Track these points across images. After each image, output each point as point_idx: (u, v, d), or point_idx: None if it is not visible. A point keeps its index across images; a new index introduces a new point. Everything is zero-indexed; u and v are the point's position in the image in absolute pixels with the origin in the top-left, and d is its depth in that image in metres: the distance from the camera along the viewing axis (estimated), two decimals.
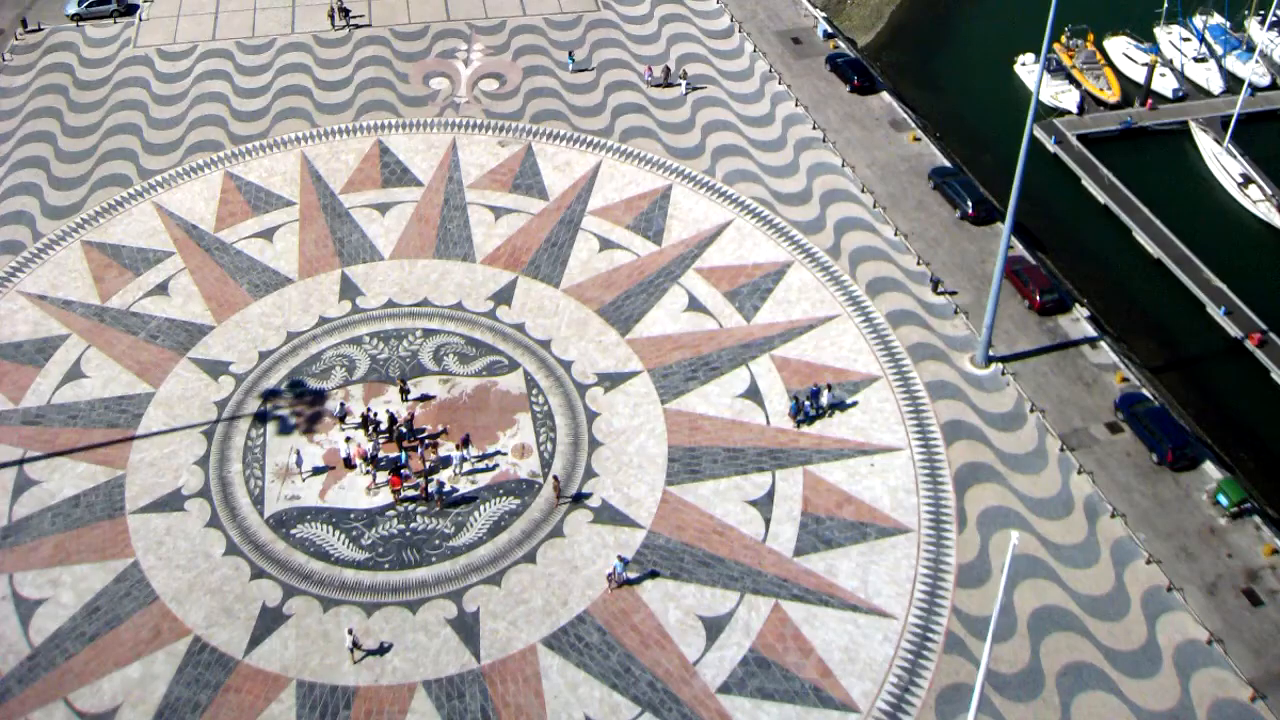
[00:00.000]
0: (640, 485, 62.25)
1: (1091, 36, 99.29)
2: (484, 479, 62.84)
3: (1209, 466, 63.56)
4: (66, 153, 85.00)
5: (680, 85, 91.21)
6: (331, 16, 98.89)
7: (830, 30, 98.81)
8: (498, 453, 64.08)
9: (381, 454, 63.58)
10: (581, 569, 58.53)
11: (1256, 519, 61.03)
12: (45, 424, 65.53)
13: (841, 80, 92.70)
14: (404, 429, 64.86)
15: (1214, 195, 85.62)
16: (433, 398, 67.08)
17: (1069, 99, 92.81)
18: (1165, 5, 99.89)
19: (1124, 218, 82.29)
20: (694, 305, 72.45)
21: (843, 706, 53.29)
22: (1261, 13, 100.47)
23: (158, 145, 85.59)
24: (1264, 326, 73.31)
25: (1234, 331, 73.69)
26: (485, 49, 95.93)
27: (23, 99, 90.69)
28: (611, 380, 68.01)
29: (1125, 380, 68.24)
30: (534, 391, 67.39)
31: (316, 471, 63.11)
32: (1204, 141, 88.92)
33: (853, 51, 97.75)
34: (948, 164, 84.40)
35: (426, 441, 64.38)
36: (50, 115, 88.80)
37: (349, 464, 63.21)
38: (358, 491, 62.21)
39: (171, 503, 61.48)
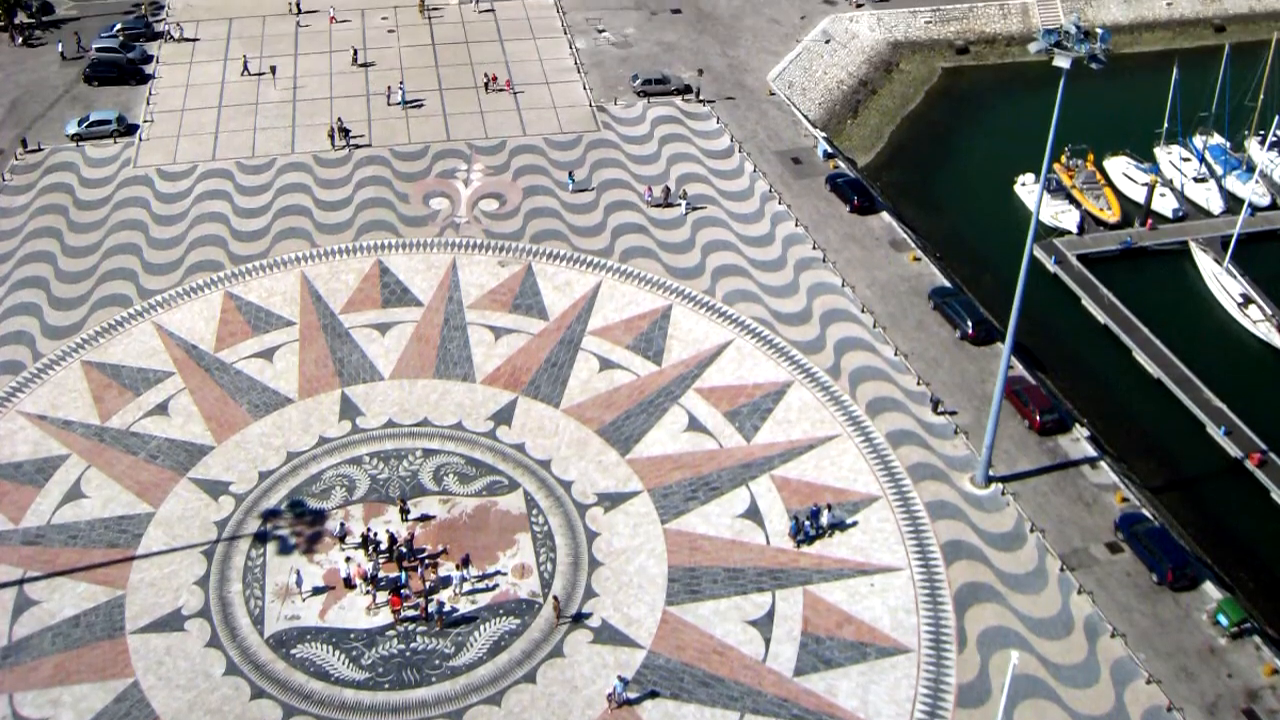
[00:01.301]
0: (640, 605, 66.22)
1: (1091, 156, 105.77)
2: (484, 599, 66.83)
3: (1209, 586, 67.64)
4: (66, 273, 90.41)
5: (680, 205, 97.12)
6: (331, 136, 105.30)
7: (830, 150, 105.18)
8: (498, 573, 68.17)
9: (381, 574, 67.66)
10: (581, 689, 62.23)
11: (1256, 639, 64.95)
12: (45, 544, 69.69)
13: (841, 200, 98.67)
14: (404, 549, 69.01)
15: (1214, 315, 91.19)
16: (433, 518, 71.35)
17: (1069, 219, 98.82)
18: (1165, 125, 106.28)
19: (1124, 338, 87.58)
20: (694, 425, 77.13)
21: None
22: (1261, 133, 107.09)
23: (158, 265, 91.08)
24: (1264, 446, 78.05)
25: (1234, 451, 78.40)
26: (485, 169, 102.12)
27: (23, 219, 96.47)
28: (611, 500, 72.36)
29: (1125, 500, 72.61)
30: (534, 511, 71.69)
31: (316, 591, 67.11)
32: (1204, 261, 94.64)
33: (853, 171, 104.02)
34: (948, 284, 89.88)
35: (426, 561, 68.52)
36: (50, 235, 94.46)
37: (349, 584, 67.26)
38: (358, 611, 66.15)
39: (171, 623, 65.38)
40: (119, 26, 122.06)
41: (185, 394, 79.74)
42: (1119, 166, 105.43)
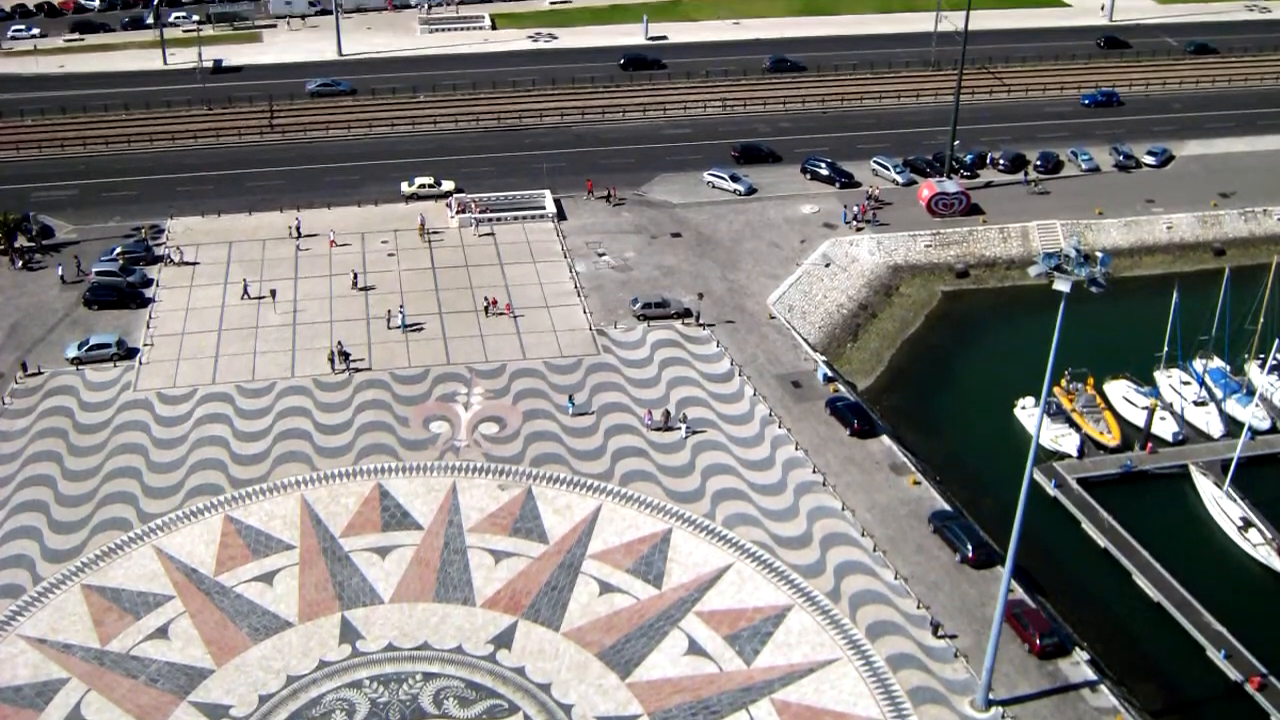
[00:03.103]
0: None
1: (1091, 380, 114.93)
2: None
3: None
4: (66, 496, 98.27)
5: (680, 429, 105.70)
6: (331, 360, 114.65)
7: (830, 374, 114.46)
8: None
9: None
10: None
11: None
12: None
13: (841, 424, 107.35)
14: None
15: (1214, 539, 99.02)
16: None
17: (1069, 442, 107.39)
18: (1165, 349, 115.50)
19: (1124, 561, 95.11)
20: (694, 649, 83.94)
21: None
22: (1261, 356, 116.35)
23: (158, 489, 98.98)
24: (1264, 670, 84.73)
25: (1234, 675, 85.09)
26: (485, 392, 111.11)
27: (23, 442, 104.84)
28: None
29: None
30: None
31: None
32: (1204, 485, 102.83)
33: (853, 395, 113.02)
34: (948, 508, 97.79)
35: None
36: (50, 459, 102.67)
37: None
38: None
39: None
40: (119, 250, 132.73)
41: (185, 617, 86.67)
42: (1119, 390, 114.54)
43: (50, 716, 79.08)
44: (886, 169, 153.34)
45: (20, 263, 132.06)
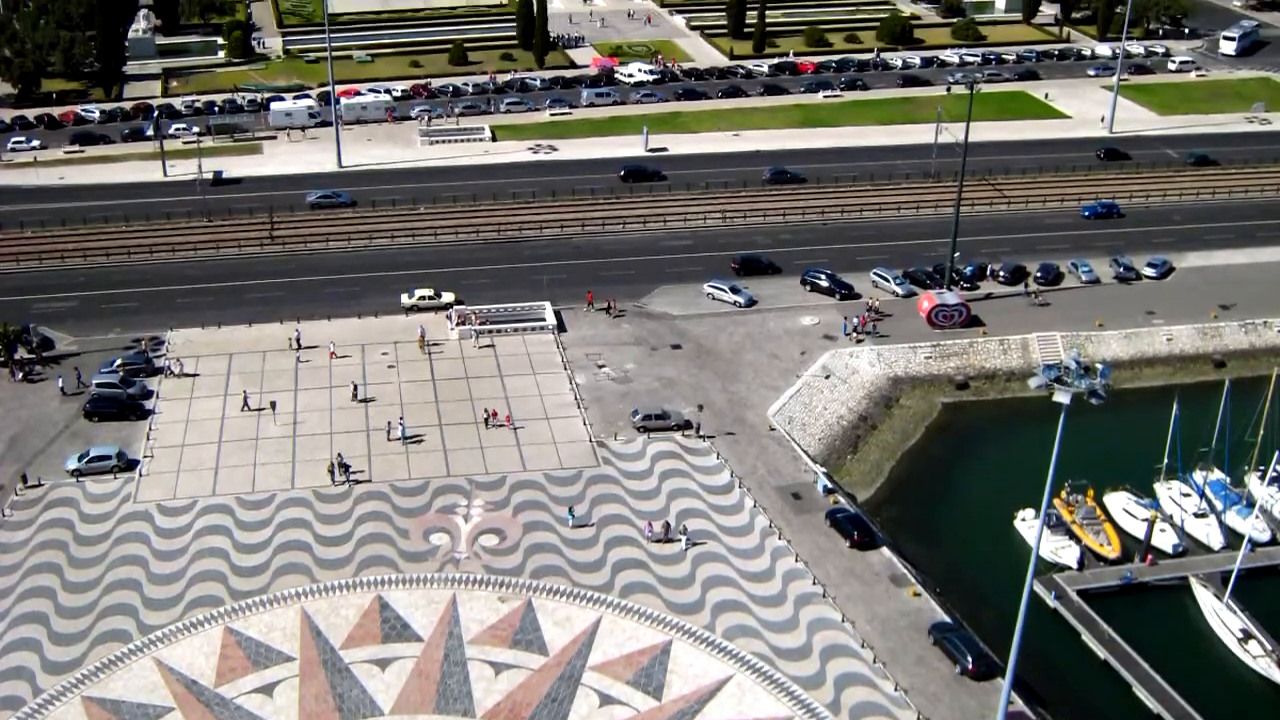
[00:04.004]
0: None
1: (1091, 492, 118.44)
2: None
3: None
4: (66, 608, 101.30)
5: (680, 541, 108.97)
6: (332, 472, 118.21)
7: (830, 486, 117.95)
8: None
9: None
10: None
11: None
12: None
13: (841, 535, 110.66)
14: None
15: (1214, 651, 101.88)
16: None
17: (1069, 554, 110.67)
18: (1165, 461, 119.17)
19: (1124, 673, 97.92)
20: None
21: None
22: (1261, 468, 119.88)
23: (158, 600, 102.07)
24: None
25: None
26: (485, 505, 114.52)
27: (23, 554, 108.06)
28: None
29: None
30: None
31: None
32: (1204, 597, 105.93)
33: (853, 507, 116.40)
34: (948, 619, 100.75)
35: None
36: (50, 570, 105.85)
37: None
38: None
39: None
40: (119, 362, 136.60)
41: None
42: (1119, 502, 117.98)
43: None
44: (886, 280, 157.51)
45: (20, 375, 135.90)
